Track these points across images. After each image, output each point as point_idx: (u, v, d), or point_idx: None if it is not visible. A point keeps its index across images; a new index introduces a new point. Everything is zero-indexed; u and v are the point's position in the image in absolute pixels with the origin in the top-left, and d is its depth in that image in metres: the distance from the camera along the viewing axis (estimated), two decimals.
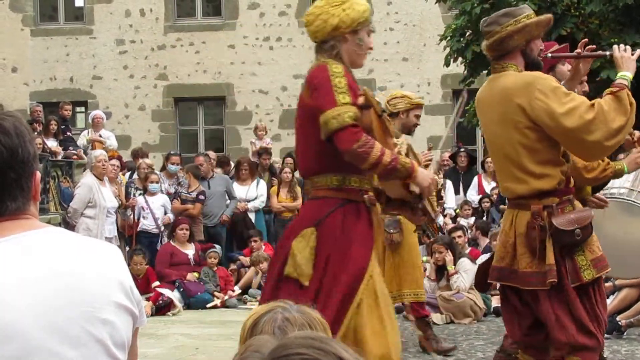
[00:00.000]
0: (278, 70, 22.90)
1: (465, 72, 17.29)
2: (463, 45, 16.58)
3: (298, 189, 15.91)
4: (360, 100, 4.91)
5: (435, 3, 18.86)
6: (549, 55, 5.89)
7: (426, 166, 13.01)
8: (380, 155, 4.81)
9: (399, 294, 9.19)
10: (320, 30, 5.07)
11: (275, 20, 23.02)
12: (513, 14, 5.62)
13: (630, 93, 5.46)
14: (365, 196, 5.16)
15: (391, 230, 9.14)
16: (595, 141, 5.34)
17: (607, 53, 5.72)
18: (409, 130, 9.67)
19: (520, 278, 5.55)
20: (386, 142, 5.01)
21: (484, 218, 15.17)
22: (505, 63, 5.59)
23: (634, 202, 7.67)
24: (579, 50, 5.86)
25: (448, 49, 17.16)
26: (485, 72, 16.73)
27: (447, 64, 17.46)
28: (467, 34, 16.69)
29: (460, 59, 17.02)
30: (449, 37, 17.08)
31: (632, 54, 5.62)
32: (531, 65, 5.64)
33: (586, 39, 6.06)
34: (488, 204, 15.46)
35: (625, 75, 5.51)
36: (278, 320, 2.56)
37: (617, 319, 9.87)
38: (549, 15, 5.78)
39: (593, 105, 5.34)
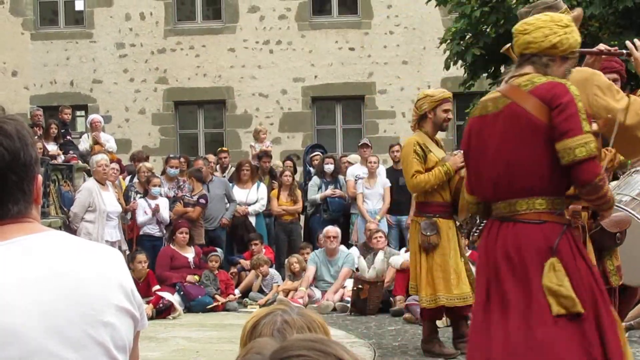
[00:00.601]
0: (278, 73, 22.91)
1: (465, 75, 17.30)
2: (463, 48, 16.59)
3: (298, 192, 15.92)
4: (594, 127, 4.81)
5: (435, 6, 18.87)
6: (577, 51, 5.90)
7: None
8: (607, 189, 4.71)
9: (433, 297, 9.12)
10: (536, 42, 4.84)
11: (275, 23, 23.02)
12: (557, 6, 5.60)
13: None
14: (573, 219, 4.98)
15: (428, 233, 9.09)
16: None
17: (625, 52, 5.71)
18: (440, 127, 9.56)
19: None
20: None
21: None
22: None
23: (632, 213, 7.67)
24: (601, 46, 5.85)
25: (448, 52, 17.17)
26: (485, 74, 16.76)
27: (447, 67, 17.47)
28: (467, 37, 16.70)
29: (460, 62, 17.03)
30: (448, 40, 17.09)
31: None
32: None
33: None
34: None
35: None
36: (277, 322, 2.57)
37: None
38: (579, 10, 5.81)
39: None
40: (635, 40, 5.73)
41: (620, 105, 5.35)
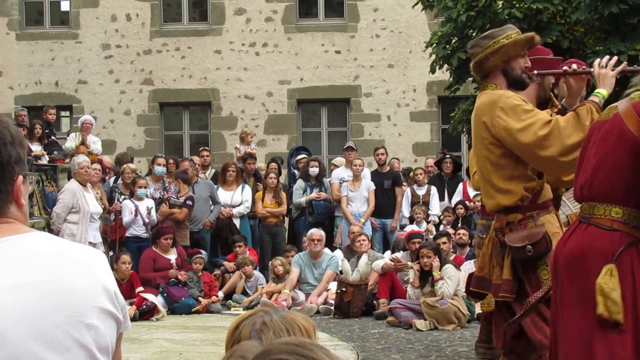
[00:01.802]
0: (264, 75, 22.90)
1: (451, 79, 17.32)
2: (449, 52, 16.60)
3: (283, 195, 15.92)
4: None
5: (422, 10, 18.88)
6: (535, 73, 5.98)
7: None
8: None
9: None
10: None
11: (262, 26, 23.01)
12: (492, 35, 5.89)
13: (600, 110, 5.54)
14: None
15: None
16: (549, 157, 5.57)
17: (592, 70, 5.78)
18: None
19: (493, 288, 5.75)
20: None
21: (459, 224, 15.19)
22: (486, 83, 5.84)
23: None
24: (565, 67, 5.94)
25: (434, 56, 17.19)
26: (470, 79, 16.78)
27: (432, 70, 17.48)
28: (453, 41, 16.72)
29: (445, 66, 17.04)
30: (434, 44, 17.10)
31: (613, 70, 5.69)
32: (513, 83, 5.82)
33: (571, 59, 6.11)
34: (462, 210, 15.51)
35: (599, 92, 5.62)
36: (257, 324, 2.58)
37: None
38: (530, 34, 5.95)
39: (550, 121, 5.47)
40: (607, 57, 5.78)
41: (520, 125, 5.54)
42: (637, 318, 4.66)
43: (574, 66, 5.98)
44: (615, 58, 5.78)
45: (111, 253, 14.27)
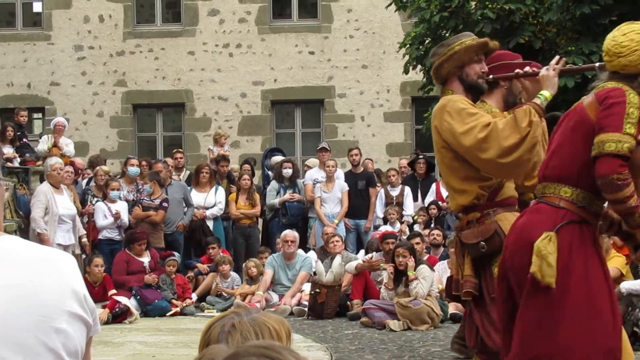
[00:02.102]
0: (237, 77, 22.87)
1: (425, 79, 17.36)
2: (422, 52, 16.64)
3: (257, 196, 15.90)
4: None
5: (395, 11, 18.92)
6: (491, 77, 6.08)
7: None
8: (630, 197, 4.73)
9: None
10: (633, 64, 4.90)
11: (235, 27, 22.99)
12: (448, 43, 6.10)
13: (541, 111, 5.66)
14: (600, 223, 5.06)
15: None
16: (489, 159, 5.68)
17: (539, 71, 5.86)
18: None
19: (460, 288, 5.87)
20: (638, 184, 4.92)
21: (432, 224, 15.25)
22: (444, 89, 6.01)
23: None
24: (517, 70, 6.03)
25: (407, 57, 17.22)
26: None
27: (406, 71, 17.52)
28: (427, 41, 16.76)
29: (419, 66, 17.09)
30: (408, 45, 17.13)
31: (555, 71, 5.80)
32: (469, 89, 5.95)
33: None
34: (435, 211, 15.56)
35: (542, 94, 5.72)
36: (226, 326, 2.58)
37: None
38: (484, 40, 6.08)
39: (489, 124, 5.58)
40: (555, 58, 5.85)
41: (463, 129, 5.67)
42: (589, 293, 4.79)
43: (527, 68, 6.05)
44: (557, 58, 5.86)
45: (84, 256, 14.20)
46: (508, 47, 15.96)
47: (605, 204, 5.01)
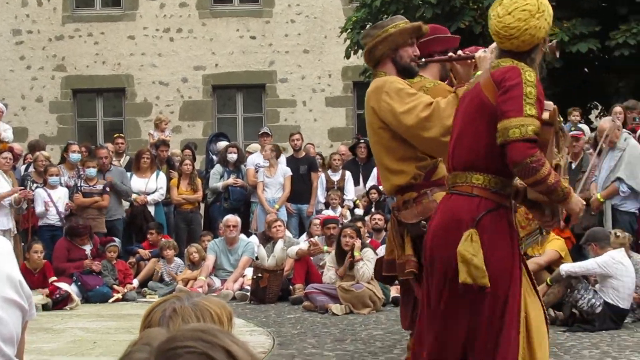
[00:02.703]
0: (178, 61, 22.75)
1: (366, 64, 17.40)
2: None
3: (198, 181, 15.85)
4: (545, 115, 4.82)
5: None
6: (423, 60, 6.14)
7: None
8: (547, 175, 4.71)
9: None
10: (527, 42, 4.90)
11: (176, 11, 22.85)
12: (382, 25, 6.17)
13: None
14: (513, 202, 5.06)
15: None
16: (432, 137, 5.75)
17: (475, 55, 5.90)
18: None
19: (398, 268, 5.89)
20: (551, 159, 4.94)
21: (373, 209, 15.30)
22: (377, 71, 6.04)
23: None
24: (450, 54, 6.12)
25: (348, 41, 17.25)
26: None
27: (347, 56, 17.56)
28: (368, 26, 16.79)
29: (360, 51, 17.13)
30: (349, 30, 17.18)
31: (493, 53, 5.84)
32: (402, 71, 6.01)
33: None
34: (376, 195, 15.61)
35: (477, 74, 5.73)
36: (167, 310, 2.57)
37: None
38: (417, 24, 6.16)
39: (431, 103, 5.63)
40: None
41: (404, 108, 5.73)
42: (511, 286, 4.83)
43: (460, 52, 6.12)
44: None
45: (22, 243, 14.05)
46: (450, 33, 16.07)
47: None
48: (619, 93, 15.93)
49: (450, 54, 6.14)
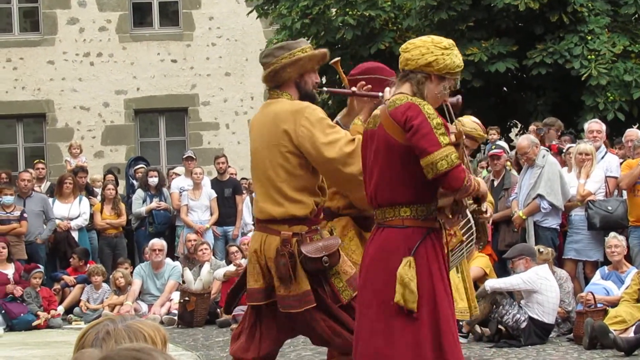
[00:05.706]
0: (99, 86, 22.60)
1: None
2: None
3: (122, 206, 15.73)
4: (452, 138, 5.02)
5: (257, 18, 19.00)
6: (325, 89, 6.18)
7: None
8: (470, 184, 5.02)
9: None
10: (414, 59, 5.10)
11: (96, 35, 22.71)
12: (288, 47, 6.05)
13: None
14: (442, 221, 5.26)
15: None
16: (350, 174, 5.69)
17: (380, 94, 5.93)
18: None
19: (279, 300, 5.75)
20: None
21: None
22: (281, 92, 5.95)
23: None
24: (354, 88, 6.13)
25: None
26: None
27: None
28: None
29: None
30: None
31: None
32: (304, 97, 5.97)
33: (363, 82, 6.21)
34: None
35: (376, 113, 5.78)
36: (101, 332, 2.58)
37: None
38: (324, 51, 6.13)
39: (354, 140, 5.66)
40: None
41: (326, 139, 5.68)
42: (436, 310, 5.02)
43: (368, 87, 6.14)
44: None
45: None
46: (369, 53, 16.21)
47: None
48: (537, 111, 16.23)
49: (354, 88, 6.13)
